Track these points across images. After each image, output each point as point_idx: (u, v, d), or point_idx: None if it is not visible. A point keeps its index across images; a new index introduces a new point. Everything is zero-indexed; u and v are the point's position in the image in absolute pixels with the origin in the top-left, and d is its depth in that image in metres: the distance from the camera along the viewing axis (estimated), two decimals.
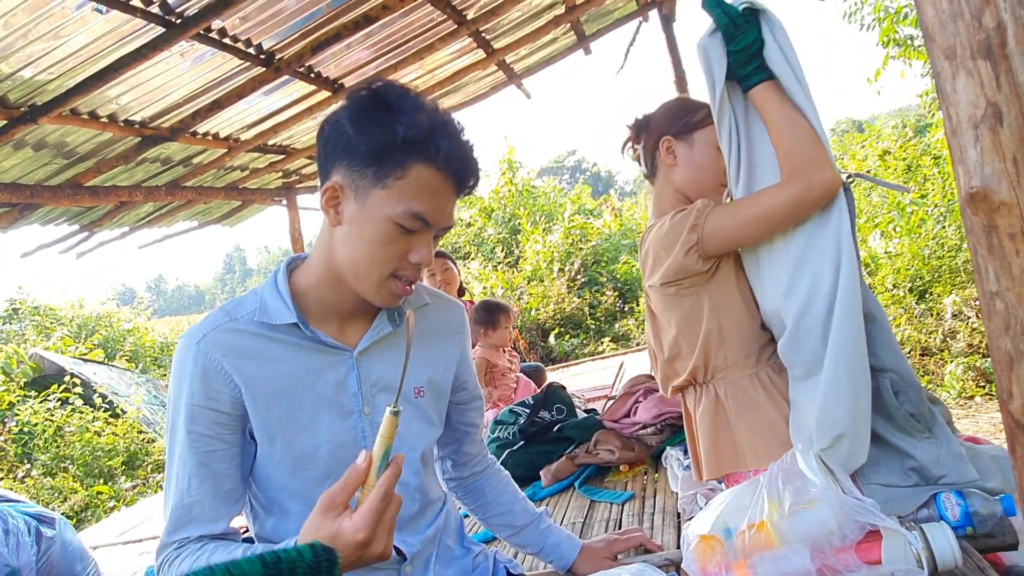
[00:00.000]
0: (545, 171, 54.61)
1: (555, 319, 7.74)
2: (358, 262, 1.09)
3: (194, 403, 1.10)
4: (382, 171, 1.05)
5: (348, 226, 1.08)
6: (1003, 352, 0.88)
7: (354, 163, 1.06)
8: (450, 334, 1.34)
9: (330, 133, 1.08)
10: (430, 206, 1.07)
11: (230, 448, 1.14)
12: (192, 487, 1.11)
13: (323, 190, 1.09)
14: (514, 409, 2.54)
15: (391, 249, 1.08)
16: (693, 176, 1.59)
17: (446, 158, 1.06)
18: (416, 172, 1.05)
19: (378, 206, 1.06)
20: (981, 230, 0.87)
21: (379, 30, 3.38)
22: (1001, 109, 0.84)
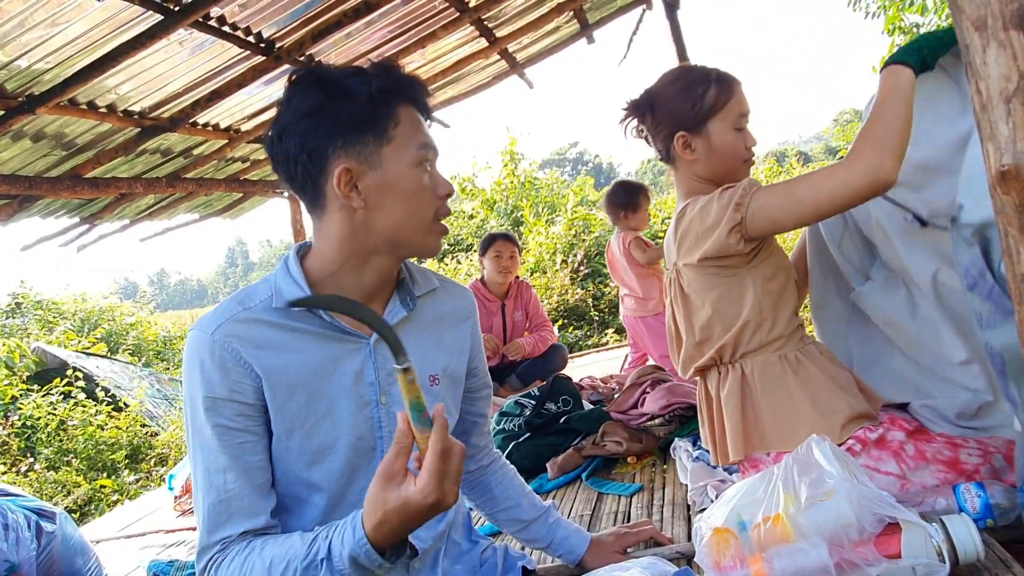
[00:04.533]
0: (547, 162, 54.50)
1: (558, 311, 7.70)
2: (406, 221, 1.10)
3: (216, 396, 1.05)
4: (379, 128, 1.07)
5: (377, 197, 1.08)
6: None
7: (350, 138, 1.06)
8: (462, 320, 1.31)
9: (303, 132, 1.06)
10: (426, 134, 1.12)
11: (259, 440, 1.10)
12: (228, 482, 1.06)
13: (336, 181, 1.06)
14: (520, 401, 2.50)
15: (426, 191, 1.11)
16: (717, 164, 1.55)
17: (409, 89, 1.10)
18: (403, 112, 1.09)
19: (396, 160, 1.08)
20: (1013, 210, 0.83)
21: (380, 18, 3.34)
22: None
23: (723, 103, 1.53)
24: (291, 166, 1.09)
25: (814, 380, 1.50)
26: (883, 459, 1.43)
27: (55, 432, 6.44)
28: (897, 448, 1.44)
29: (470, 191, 11.26)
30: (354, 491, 1.15)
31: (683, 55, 5.14)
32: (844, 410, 1.47)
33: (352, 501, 1.15)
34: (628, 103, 1.68)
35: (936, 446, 1.44)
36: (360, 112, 1.05)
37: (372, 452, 1.16)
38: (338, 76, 1.07)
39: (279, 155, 1.09)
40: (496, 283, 3.83)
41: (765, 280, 1.50)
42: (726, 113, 1.53)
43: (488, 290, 3.85)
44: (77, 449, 6.26)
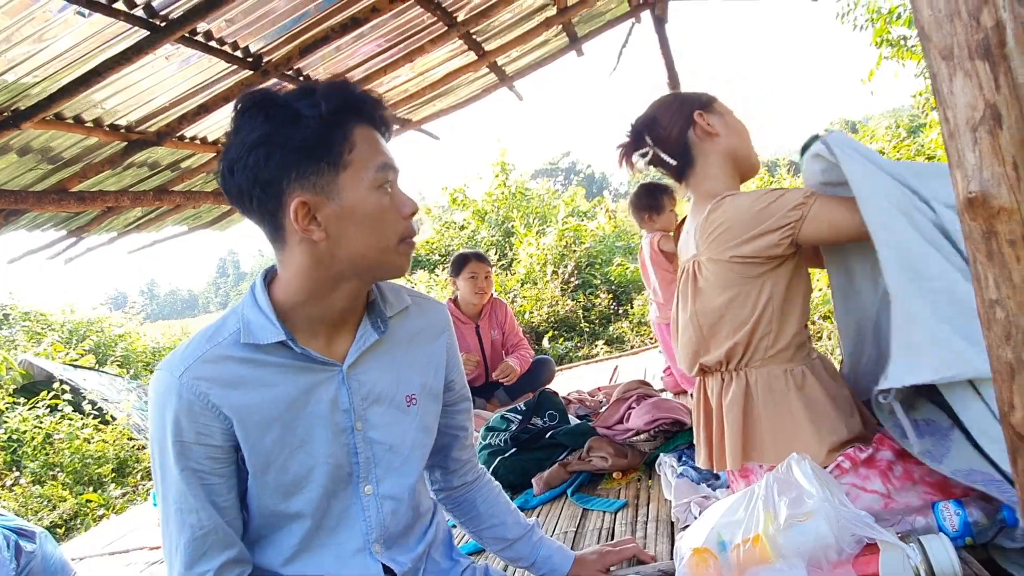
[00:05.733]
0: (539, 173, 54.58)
1: (549, 322, 7.70)
2: (371, 246, 1.07)
3: (184, 440, 1.04)
4: (333, 154, 1.03)
5: (338, 226, 1.04)
6: (1003, 362, 0.85)
7: (304, 169, 1.02)
8: (436, 335, 1.30)
9: (254, 165, 1.01)
10: (385, 154, 1.08)
11: (228, 480, 1.09)
12: (202, 520, 1.06)
13: (293, 215, 1.02)
14: (506, 416, 2.50)
15: (388, 213, 1.07)
16: (735, 136, 1.63)
17: (363, 108, 1.06)
18: (358, 134, 1.05)
19: (354, 186, 1.04)
20: (980, 236, 0.84)
21: (369, 32, 3.35)
22: (1000, 111, 0.81)
23: (714, 97, 1.68)
24: (245, 201, 1.05)
25: (816, 399, 1.51)
26: (870, 478, 1.44)
27: (41, 446, 6.38)
28: (885, 468, 1.44)
29: (461, 202, 11.26)
30: (332, 517, 1.15)
31: (672, 67, 5.19)
32: (842, 432, 1.49)
33: (330, 527, 1.15)
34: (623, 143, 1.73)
35: (925, 468, 1.44)
36: (312, 139, 1.01)
37: (349, 478, 1.16)
38: (286, 100, 1.02)
39: (231, 190, 1.05)
40: (471, 304, 3.77)
41: (784, 287, 1.51)
42: (720, 104, 1.68)
43: (461, 311, 3.79)
44: (63, 463, 6.20)
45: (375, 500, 1.17)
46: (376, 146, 1.07)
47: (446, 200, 11.60)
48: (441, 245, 10.75)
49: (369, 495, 1.17)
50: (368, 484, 1.17)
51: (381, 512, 1.18)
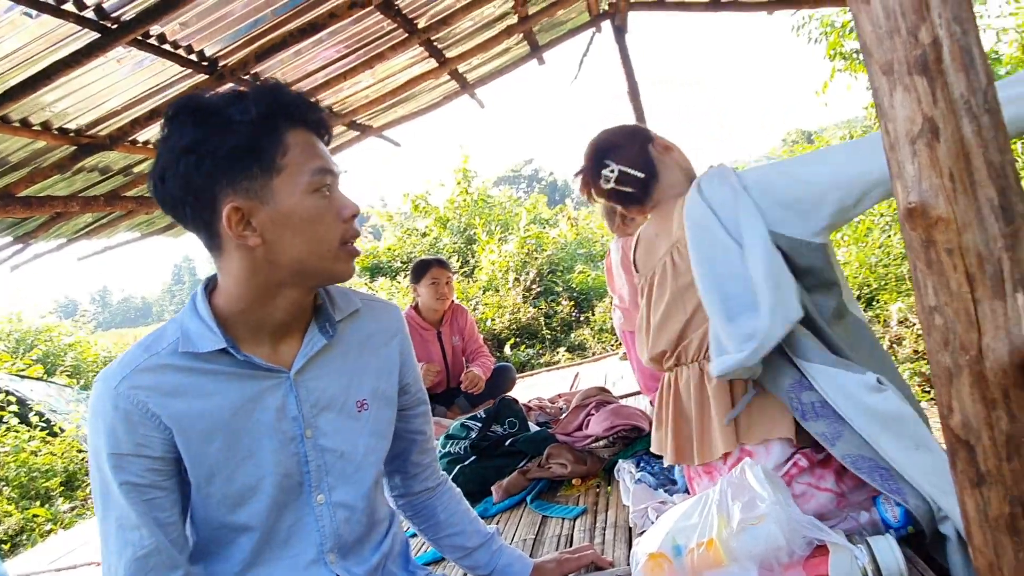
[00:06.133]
0: (502, 180, 54.72)
1: (511, 329, 7.71)
2: (310, 251, 1.05)
3: (122, 452, 1.01)
4: (265, 159, 1.01)
5: (274, 231, 1.03)
6: (942, 367, 0.88)
7: (236, 175, 1.00)
8: (389, 338, 1.28)
9: (185, 173, 0.99)
10: (322, 158, 1.06)
11: (170, 494, 1.06)
12: (144, 537, 1.03)
13: (226, 221, 1.01)
14: (465, 423, 2.49)
15: (327, 218, 1.05)
16: (683, 154, 1.77)
17: (295, 112, 1.04)
18: (291, 138, 1.03)
19: (289, 191, 1.03)
20: (920, 245, 0.87)
21: (328, 37, 3.33)
22: (938, 124, 0.84)
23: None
24: (179, 209, 1.03)
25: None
26: (824, 477, 1.46)
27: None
28: (839, 467, 1.47)
29: (423, 209, 11.22)
30: (282, 529, 1.13)
31: (632, 77, 5.25)
32: None
33: (280, 540, 1.13)
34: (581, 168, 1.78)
35: None
36: (243, 144, 0.99)
37: (299, 488, 1.14)
38: (216, 105, 1.00)
39: (165, 199, 1.03)
40: (433, 310, 3.75)
41: None
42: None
43: (422, 318, 3.77)
44: (8, 477, 5.99)
45: (328, 509, 1.16)
46: (312, 150, 1.06)
47: (408, 207, 11.55)
48: (403, 252, 10.70)
49: (322, 504, 1.16)
50: (320, 493, 1.15)
51: (335, 521, 1.16)
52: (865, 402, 1.33)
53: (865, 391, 1.34)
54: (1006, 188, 0.83)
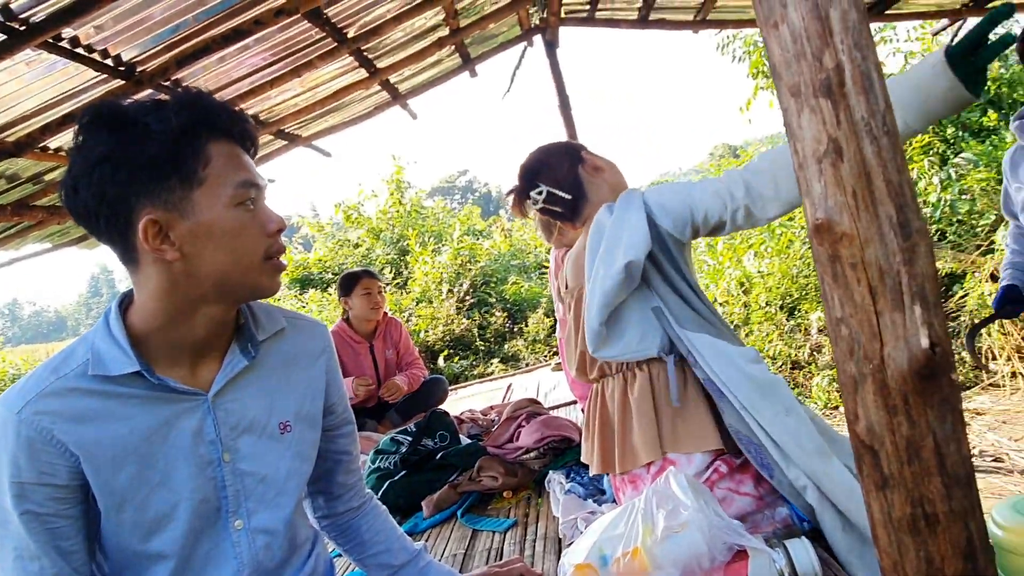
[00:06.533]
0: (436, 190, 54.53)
1: (444, 341, 7.68)
2: (232, 265, 1.02)
3: (23, 481, 0.96)
4: (185, 171, 0.98)
5: (193, 245, 1.00)
6: (848, 376, 0.92)
7: (153, 186, 0.97)
8: (314, 357, 1.26)
9: (99, 182, 0.96)
10: (246, 170, 1.04)
11: (74, 522, 1.01)
12: (45, 568, 0.97)
13: (142, 234, 0.97)
14: (395, 437, 2.46)
15: (251, 232, 1.03)
16: (616, 174, 1.80)
17: (219, 122, 1.02)
18: (214, 149, 1.01)
19: (210, 203, 1.00)
20: (826, 260, 0.91)
21: (254, 45, 3.25)
22: (841, 145, 0.88)
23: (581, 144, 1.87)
24: (92, 220, 0.99)
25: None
26: (744, 482, 1.51)
27: None
28: (756, 472, 1.52)
29: (355, 219, 11.07)
30: (199, 556, 1.09)
31: (563, 91, 5.31)
32: None
33: (196, 568, 1.09)
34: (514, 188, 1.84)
35: None
36: (161, 154, 0.96)
37: (217, 513, 1.10)
38: (135, 113, 0.97)
39: (78, 209, 0.99)
40: (366, 321, 3.71)
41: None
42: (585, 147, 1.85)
43: (354, 330, 3.72)
44: None
45: (247, 535, 1.12)
46: (235, 161, 1.04)
47: (340, 217, 11.38)
48: (334, 263, 10.52)
49: (240, 530, 1.12)
50: (238, 518, 1.12)
51: (254, 547, 1.13)
52: (746, 370, 1.43)
53: (745, 361, 1.45)
54: (904, 205, 0.88)
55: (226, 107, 1.05)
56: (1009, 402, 4.55)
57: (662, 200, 1.55)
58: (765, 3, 0.93)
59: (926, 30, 7.92)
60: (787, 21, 0.90)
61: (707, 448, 1.49)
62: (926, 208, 6.78)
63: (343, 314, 3.78)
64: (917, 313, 0.87)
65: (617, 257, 1.50)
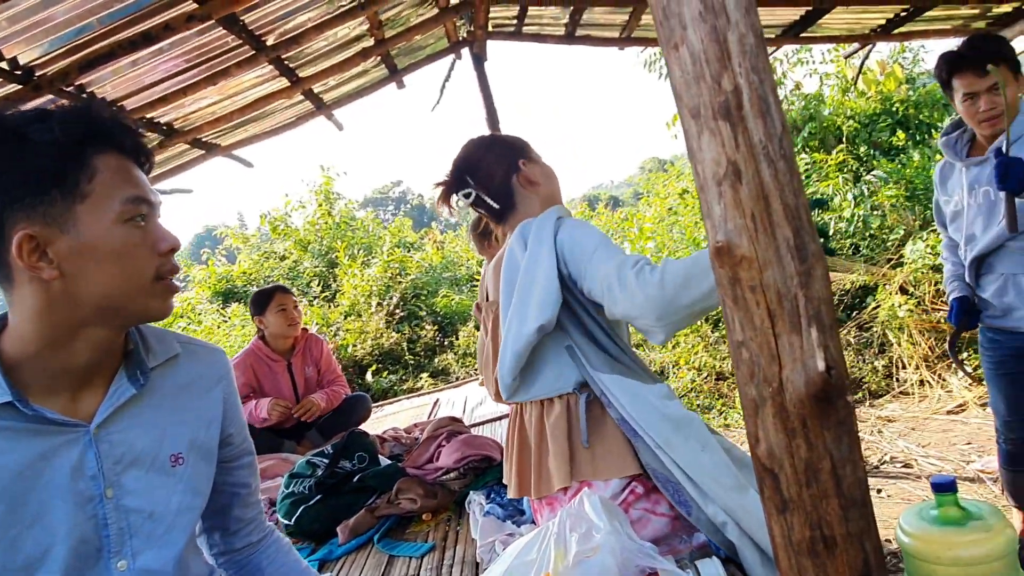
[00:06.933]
0: (369, 201, 53.86)
1: (373, 355, 7.52)
2: (118, 286, 0.96)
3: None
4: (68, 183, 0.93)
5: (74, 263, 0.93)
6: (749, 399, 0.91)
7: (31, 198, 0.91)
8: (211, 385, 1.19)
9: None
10: (137, 186, 0.99)
11: None
12: None
13: (16, 250, 0.91)
14: (311, 460, 2.37)
15: (139, 251, 0.98)
16: (552, 186, 1.73)
17: (108, 135, 0.98)
18: (101, 162, 0.96)
19: (94, 219, 0.94)
20: (727, 282, 0.91)
21: (168, 49, 3.11)
22: (740, 168, 0.88)
23: (525, 142, 1.77)
24: None
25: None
26: (660, 502, 1.50)
27: None
28: None
29: (282, 231, 10.79)
30: None
31: (491, 105, 5.31)
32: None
33: None
34: (444, 180, 1.75)
35: None
36: (41, 166, 0.91)
37: (98, 554, 1.02)
38: (14, 122, 0.92)
39: None
40: (282, 338, 3.57)
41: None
42: (531, 148, 1.77)
43: (271, 348, 3.58)
44: None
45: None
46: (125, 176, 0.98)
47: (267, 228, 11.07)
48: (259, 276, 10.21)
49: (124, 571, 1.03)
50: (122, 559, 1.03)
51: None
52: (660, 408, 1.43)
53: (658, 398, 1.44)
54: (800, 228, 0.88)
55: (117, 118, 0.99)
56: (917, 409, 4.76)
57: (569, 249, 1.49)
58: (666, 25, 0.92)
59: (839, 52, 8.29)
60: (687, 43, 0.90)
61: (623, 475, 1.48)
62: (841, 223, 7.07)
63: (258, 332, 3.63)
64: (814, 336, 0.87)
65: (528, 317, 1.46)
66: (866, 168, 8.20)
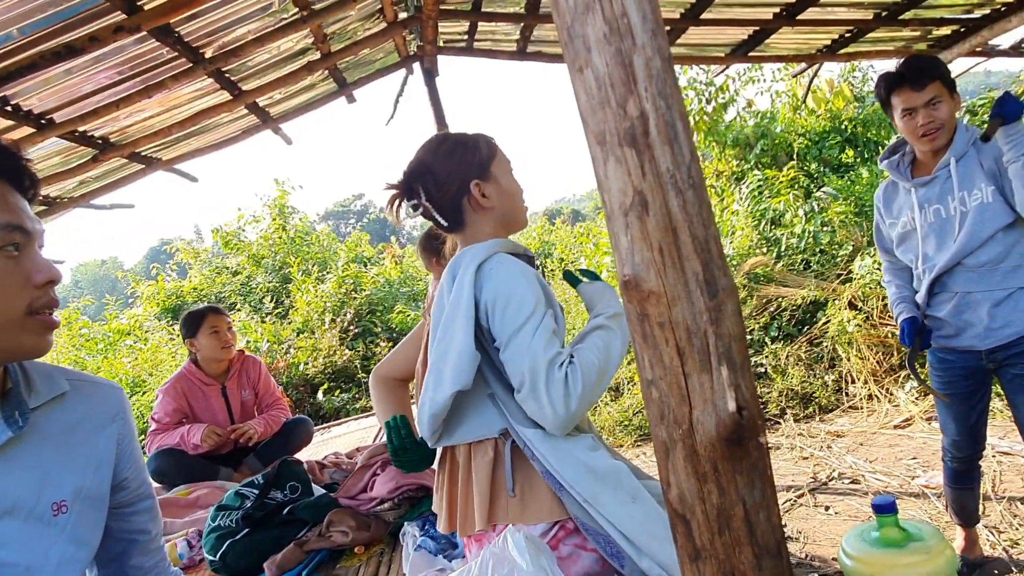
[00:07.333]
0: (330, 214, 53.29)
1: (325, 373, 7.36)
2: None
3: None
4: None
5: None
6: (660, 441, 0.87)
7: None
8: (102, 425, 1.10)
9: None
10: (11, 211, 0.92)
11: None
12: None
13: None
14: (241, 491, 2.26)
15: (11, 282, 0.91)
16: (508, 206, 1.58)
17: None
18: None
19: None
20: (636, 319, 0.86)
21: (99, 60, 2.99)
22: (647, 197, 0.83)
23: (495, 150, 1.61)
24: None
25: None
26: (588, 539, 1.45)
27: None
28: None
29: (235, 246, 10.55)
30: None
31: (442, 120, 5.26)
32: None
33: None
34: (394, 184, 1.61)
35: None
36: None
37: None
38: None
39: None
40: (216, 361, 3.45)
41: None
42: (499, 158, 1.60)
43: (203, 372, 3.45)
44: None
45: None
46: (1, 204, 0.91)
47: (218, 243, 10.82)
48: (211, 292, 9.96)
49: None
50: None
51: None
52: (585, 461, 1.36)
53: (583, 450, 1.37)
54: (710, 262, 0.84)
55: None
56: (866, 423, 4.81)
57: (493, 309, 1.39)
58: (570, 47, 0.88)
59: (789, 71, 8.46)
60: (591, 66, 0.85)
61: (551, 520, 1.41)
62: (792, 239, 7.16)
63: (190, 355, 3.49)
64: (724, 375, 0.83)
65: (444, 381, 1.37)
66: (816, 185, 8.35)
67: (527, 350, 1.33)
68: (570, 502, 1.36)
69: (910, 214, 2.35)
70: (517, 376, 1.34)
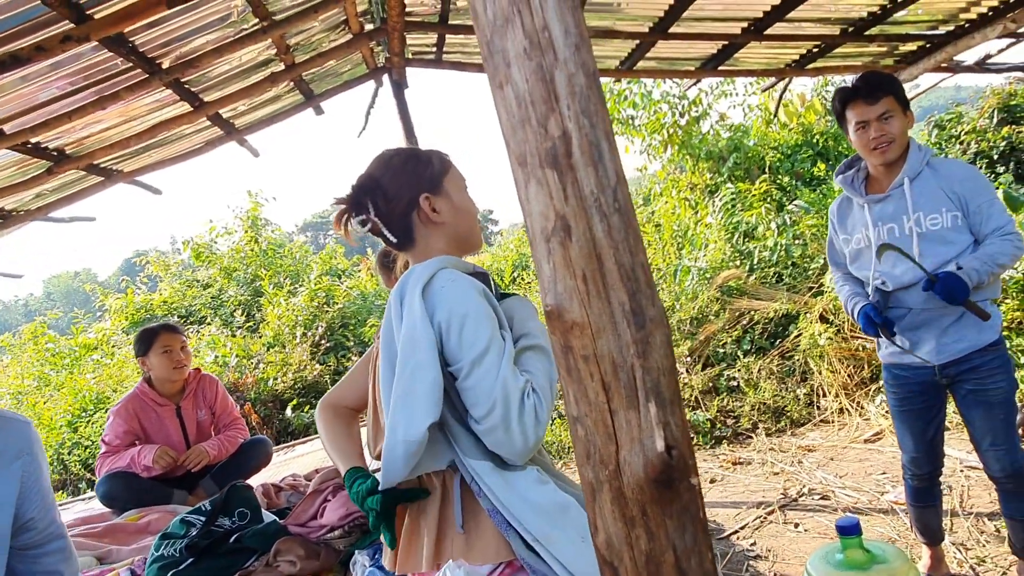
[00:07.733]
0: (308, 226, 52.91)
1: (295, 389, 7.22)
2: None
3: None
4: None
5: None
6: (586, 482, 0.81)
7: None
8: (8, 461, 1.03)
9: None
10: None
11: None
12: None
13: None
14: (187, 518, 2.17)
15: None
16: (461, 223, 1.52)
17: None
18: None
19: None
20: (560, 351, 0.81)
21: (48, 70, 2.90)
22: (570, 222, 0.78)
23: (448, 165, 1.54)
24: None
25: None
26: None
27: None
28: None
29: (206, 258, 10.38)
30: None
31: (411, 132, 5.20)
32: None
33: None
34: (342, 198, 1.53)
35: None
36: None
37: None
38: None
39: None
40: (168, 381, 3.33)
41: None
42: (452, 174, 1.54)
43: (157, 392, 3.34)
44: None
45: None
46: None
47: (188, 255, 10.64)
48: (181, 305, 9.79)
49: None
50: None
51: None
52: (532, 499, 1.28)
53: (530, 484, 1.30)
54: (637, 291, 0.78)
55: None
56: (837, 437, 4.80)
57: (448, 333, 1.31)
58: (491, 62, 0.82)
59: (759, 85, 8.53)
60: (511, 82, 0.80)
61: (497, 561, 1.33)
62: (765, 251, 7.19)
63: (143, 374, 3.38)
64: (652, 412, 0.77)
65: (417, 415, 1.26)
66: (789, 198, 8.41)
67: (496, 379, 1.26)
68: (516, 543, 1.28)
69: (864, 231, 2.35)
70: (484, 405, 1.27)
